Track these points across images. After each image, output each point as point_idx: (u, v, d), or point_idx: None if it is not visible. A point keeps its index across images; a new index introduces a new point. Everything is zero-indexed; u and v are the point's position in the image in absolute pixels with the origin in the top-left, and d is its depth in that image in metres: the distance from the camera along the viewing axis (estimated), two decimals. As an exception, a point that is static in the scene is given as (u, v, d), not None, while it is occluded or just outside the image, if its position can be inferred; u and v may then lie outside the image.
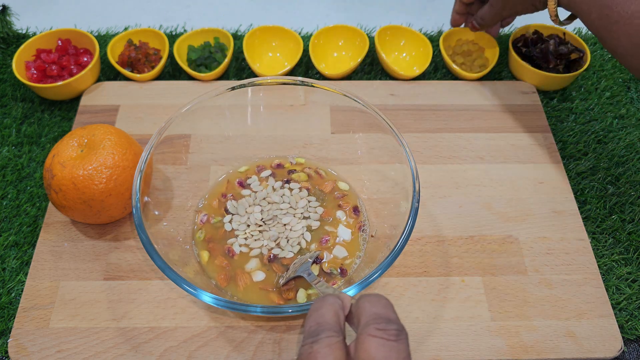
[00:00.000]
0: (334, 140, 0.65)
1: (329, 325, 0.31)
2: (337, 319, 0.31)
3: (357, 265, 0.55)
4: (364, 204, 0.60)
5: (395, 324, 0.30)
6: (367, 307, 0.31)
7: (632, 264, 0.58)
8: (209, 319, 0.53)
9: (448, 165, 0.64)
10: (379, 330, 0.29)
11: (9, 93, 0.72)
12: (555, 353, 0.51)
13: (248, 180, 0.61)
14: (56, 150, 0.55)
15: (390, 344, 0.29)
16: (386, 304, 0.32)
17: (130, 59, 0.72)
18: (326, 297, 0.33)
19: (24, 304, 0.53)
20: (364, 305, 0.31)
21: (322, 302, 0.33)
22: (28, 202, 0.62)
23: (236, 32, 0.80)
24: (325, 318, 0.31)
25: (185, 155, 0.61)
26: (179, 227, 0.57)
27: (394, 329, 0.30)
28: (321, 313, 0.32)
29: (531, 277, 0.56)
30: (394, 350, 0.29)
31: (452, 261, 0.57)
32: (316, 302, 0.33)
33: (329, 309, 0.32)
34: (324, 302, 0.33)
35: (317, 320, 0.31)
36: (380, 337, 0.29)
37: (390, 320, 0.30)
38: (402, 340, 0.30)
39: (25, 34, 0.80)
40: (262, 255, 0.55)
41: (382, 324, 0.30)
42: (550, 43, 0.72)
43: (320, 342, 0.30)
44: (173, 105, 0.69)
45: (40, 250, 0.57)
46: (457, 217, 0.60)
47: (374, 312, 0.31)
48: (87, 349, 0.51)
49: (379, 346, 0.29)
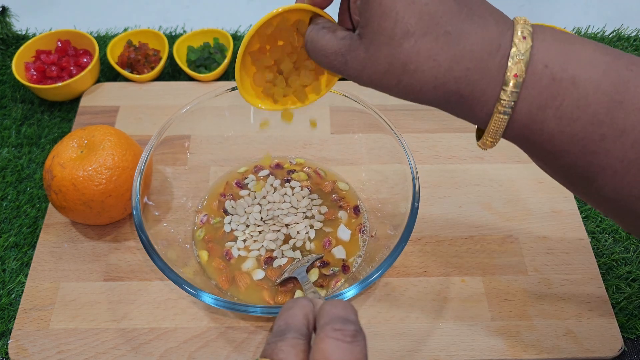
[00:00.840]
0: (333, 140, 0.65)
1: (296, 326, 0.31)
2: (305, 322, 0.32)
3: (357, 264, 0.55)
4: (364, 204, 0.60)
5: (353, 325, 0.30)
6: (328, 308, 0.31)
7: (632, 264, 0.58)
8: (209, 320, 0.53)
9: (448, 165, 0.64)
10: (336, 331, 0.29)
11: (9, 94, 0.72)
12: (555, 353, 0.51)
13: (245, 180, 0.61)
14: (56, 151, 0.55)
15: (345, 345, 0.29)
16: (346, 306, 0.31)
17: (129, 60, 0.72)
18: (298, 299, 0.33)
19: (24, 305, 0.53)
20: (325, 307, 0.31)
21: (293, 303, 0.33)
22: (28, 203, 0.62)
23: (236, 32, 0.80)
24: (295, 319, 0.31)
25: (185, 156, 0.61)
26: (179, 228, 0.57)
27: (352, 329, 0.29)
28: (291, 314, 0.32)
29: (531, 277, 0.56)
30: (349, 351, 0.29)
31: (452, 261, 0.57)
32: (288, 303, 0.33)
33: (299, 311, 0.32)
34: (295, 304, 0.33)
35: (287, 320, 0.32)
36: (335, 337, 0.29)
37: (348, 320, 0.30)
38: (359, 342, 0.29)
39: (25, 35, 0.80)
40: (259, 256, 0.55)
41: (339, 324, 0.30)
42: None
43: (284, 341, 0.30)
44: (173, 106, 0.69)
45: (40, 252, 0.57)
46: (457, 217, 0.60)
47: (333, 313, 0.31)
48: (87, 350, 0.51)
49: (334, 347, 0.29)
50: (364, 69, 0.34)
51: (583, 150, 0.32)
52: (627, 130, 0.31)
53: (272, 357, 0.29)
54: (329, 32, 0.36)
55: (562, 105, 0.31)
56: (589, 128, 0.31)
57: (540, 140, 0.33)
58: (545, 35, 0.32)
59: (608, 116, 0.31)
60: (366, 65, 0.33)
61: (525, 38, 0.31)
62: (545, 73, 0.31)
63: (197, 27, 0.78)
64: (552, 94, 0.31)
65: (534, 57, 0.31)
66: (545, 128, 0.32)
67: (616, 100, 0.31)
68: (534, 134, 0.33)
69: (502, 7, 0.34)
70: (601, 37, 0.81)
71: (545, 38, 0.32)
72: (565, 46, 0.32)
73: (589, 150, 0.32)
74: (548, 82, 0.31)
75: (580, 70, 0.31)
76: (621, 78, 0.31)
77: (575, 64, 0.31)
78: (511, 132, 0.34)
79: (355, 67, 0.34)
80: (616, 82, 0.31)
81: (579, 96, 0.31)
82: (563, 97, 0.31)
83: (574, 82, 0.31)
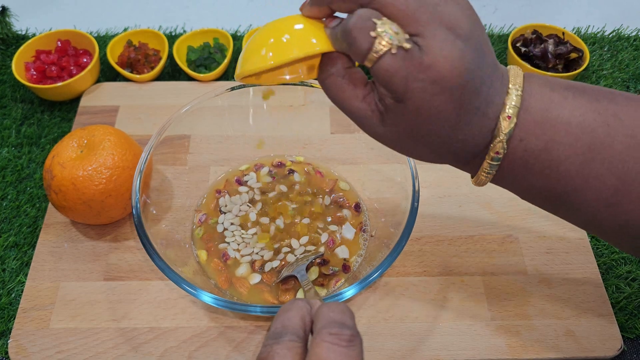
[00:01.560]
0: (333, 140, 0.65)
1: (293, 329, 0.31)
2: (302, 324, 0.32)
3: (358, 263, 0.55)
4: (364, 204, 0.60)
5: (350, 329, 0.30)
6: (325, 312, 0.31)
7: (632, 263, 0.58)
8: (209, 319, 0.53)
9: (448, 165, 0.64)
10: (332, 335, 0.29)
11: (9, 94, 0.72)
12: (555, 352, 0.51)
13: (245, 177, 0.61)
14: (56, 151, 0.55)
15: (341, 350, 0.29)
16: (344, 309, 0.32)
17: (129, 60, 0.72)
18: (296, 301, 0.33)
19: (24, 305, 0.53)
20: (322, 310, 0.31)
21: (291, 305, 0.33)
22: (28, 203, 0.62)
23: (235, 32, 0.80)
24: (292, 321, 0.31)
25: (184, 156, 0.61)
26: (179, 228, 0.57)
27: (348, 334, 0.30)
28: (288, 316, 0.32)
29: (531, 277, 0.56)
30: (344, 355, 0.29)
31: (452, 261, 0.57)
32: (286, 305, 0.33)
33: (296, 313, 0.32)
34: (292, 306, 0.33)
35: (283, 322, 0.32)
36: (331, 342, 0.29)
37: (344, 325, 0.30)
38: (355, 346, 0.29)
39: (25, 35, 0.80)
40: (252, 261, 0.55)
41: (335, 329, 0.30)
42: (549, 43, 0.73)
43: (281, 344, 0.30)
44: (172, 105, 0.69)
45: (40, 251, 0.57)
46: (457, 217, 0.60)
47: (330, 317, 0.31)
48: (87, 350, 0.51)
49: (330, 352, 0.29)
50: (378, 136, 0.37)
51: (561, 185, 0.36)
52: (598, 176, 0.35)
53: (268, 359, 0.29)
54: (350, 85, 0.36)
55: (534, 166, 0.36)
56: (561, 181, 0.36)
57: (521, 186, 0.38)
58: (530, 103, 0.35)
59: (579, 172, 0.35)
60: (382, 134, 0.36)
61: (510, 117, 0.34)
62: (520, 146, 0.35)
63: (197, 26, 0.78)
64: (526, 163, 0.36)
65: (514, 133, 0.35)
66: (522, 183, 0.37)
67: (588, 158, 0.34)
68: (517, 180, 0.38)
69: (503, 7, 0.34)
70: (601, 37, 0.81)
71: (529, 107, 0.35)
72: (545, 116, 0.35)
73: (564, 190, 0.36)
74: (522, 154, 0.35)
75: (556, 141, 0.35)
76: (596, 138, 0.34)
77: (551, 133, 0.35)
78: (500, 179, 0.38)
79: (370, 131, 0.37)
80: (590, 143, 0.34)
81: (551, 158, 0.35)
82: (534, 163, 0.36)
83: (547, 149, 0.35)
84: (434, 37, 0.31)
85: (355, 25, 0.32)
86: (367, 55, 0.32)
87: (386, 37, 0.31)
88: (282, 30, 0.36)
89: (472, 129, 0.34)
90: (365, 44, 0.32)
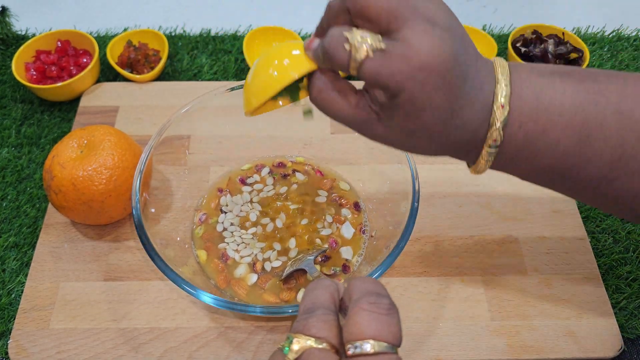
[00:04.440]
0: (333, 140, 0.65)
1: (324, 304, 0.31)
2: (332, 300, 0.32)
3: (358, 263, 0.55)
4: (364, 204, 0.60)
5: (387, 299, 0.30)
6: (359, 284, 0.32)
7: (632, 263, 0.58)
8: (209, 320, 0.53)
9: (448, 165, 0.64)
10: (371, 304, 0.30)
11: (9, 94, 0.72)
12: (555, 353, 0.51)
13: (249, 180, 0.61)
14: (56, 151, 0.55)
15: (381, 317, 0.29)
16: (376, 282, 0.32)
17: (129, 60, 0.72)
18: (321, 280, 0.34)
19: (24, 305, 0.53)
20: (355, 283, 0.32)
21: (317, 284, 0.33)
22: (28, 203, 0.62)
23: (236, 32, 0.80)
24: (321, 299, 0.32)
25: (184, 156, 0.61)
26: (179, 228, 0.57)
27: (387, 302, 0.30)
28: (316, 294, 0.32)
29: (531, 277, 0.56)
30: (385, 323, 0.29)
31: (452, 261, 0.57)
32: (312, 284, 0.34)
33: (325, 291, 0.33)
34: (319, 284, 0.33)
35: (313, 299, 0.32)
36: (371, 310, 0.29)
37: (381, 295, 0.31)
38: (394, 314, 0.30)
39: (25, 35, 0.80)
40: (252, 262, 0.55)
41: (373, 298, 0.30)
42: (549, 43, 0.73)
43: (315, 317, 0.30)
44: (172, 106, 0.69)
45: (40, 252, 0.57)
46: (457, 217, 0.60)
47: (365, 288, 0.31)
48: (87, 350, 0.51)
49: (371, 319, 0.29)
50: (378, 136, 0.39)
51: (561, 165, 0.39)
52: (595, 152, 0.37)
53: (304, 332, 0.30)
54: (340, 96, 0.38)
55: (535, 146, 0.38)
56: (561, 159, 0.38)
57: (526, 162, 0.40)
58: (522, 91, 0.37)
59: (577, 149, 0.37)
60: (381, 134, 0.38)
61: (504, 106, 0.36)
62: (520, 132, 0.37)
63: (197, 27, 0.78)
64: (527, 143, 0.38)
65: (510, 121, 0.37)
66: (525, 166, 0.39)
67: (584, 136, 0.37)
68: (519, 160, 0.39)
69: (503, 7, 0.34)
70: (601, 37, 0.81)
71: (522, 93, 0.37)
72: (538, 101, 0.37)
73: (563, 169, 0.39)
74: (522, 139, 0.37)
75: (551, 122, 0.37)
76: (588, 116, 0.36)
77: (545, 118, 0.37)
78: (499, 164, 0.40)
79: (369, 134, 0.39)
80: (583, 121, 0.37)
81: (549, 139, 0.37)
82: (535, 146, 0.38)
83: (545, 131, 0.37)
84: (414, 29, 0.33)
85: (330, 43, 0.36)
86: (349, 65, 0.35)
87: (360, 45, 0.34)
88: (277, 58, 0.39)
89: (467, 114, 0.36)
90: (344, 56, 0.35)
